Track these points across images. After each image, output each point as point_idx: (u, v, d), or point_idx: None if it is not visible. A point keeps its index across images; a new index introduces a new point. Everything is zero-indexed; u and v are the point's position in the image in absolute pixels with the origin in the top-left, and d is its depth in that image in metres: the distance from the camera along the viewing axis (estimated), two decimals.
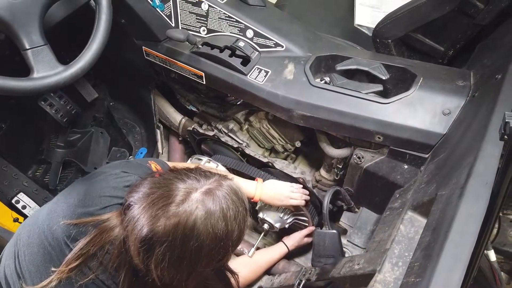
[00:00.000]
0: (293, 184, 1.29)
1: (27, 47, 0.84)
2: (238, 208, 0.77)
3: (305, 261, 1.38)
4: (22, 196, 1.45)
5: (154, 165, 0.97)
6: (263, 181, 1.28)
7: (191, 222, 0.71)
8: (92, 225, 0.79)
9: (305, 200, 1.28)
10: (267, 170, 1.37)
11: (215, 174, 0.81)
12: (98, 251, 0.77)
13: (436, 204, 0.75)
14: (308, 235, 1.35)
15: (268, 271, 1.31)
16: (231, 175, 1.30)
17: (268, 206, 1.35)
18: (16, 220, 1.38)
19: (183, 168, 0.83)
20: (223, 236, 0.74)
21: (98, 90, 1.69)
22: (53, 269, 0.78)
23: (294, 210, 1.33)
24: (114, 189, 0.84)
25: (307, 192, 1.30)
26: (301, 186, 1.29)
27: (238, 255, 1.42)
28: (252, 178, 1.30)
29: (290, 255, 1.41)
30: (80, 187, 0.87)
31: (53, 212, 0.84)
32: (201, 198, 0.73)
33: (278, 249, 1.31)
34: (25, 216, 1.41)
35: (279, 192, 1.24)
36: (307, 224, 1.36)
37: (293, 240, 1.34)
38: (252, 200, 1.24)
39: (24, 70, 0.86)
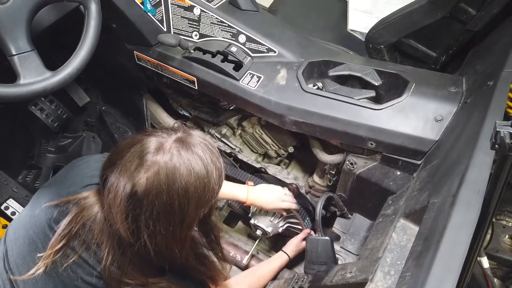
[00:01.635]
0: (285, 188, 1.29)
1: (14, 53, 0.82)
2: (211, 150, 0.78)
3: (298, 267, 1.37)
4: (11, 202, 1.43)
5: None
6: (255, 186, 1.27)
7: (171, 166, 0.72)
8: (73, 204, 0.80)
9: (295, 203, 1.27)
10: (260, 176, 1.36)
11: (181, 128, 0.82)
12: (80, 229, 0.77)
13: (428, 212, 0.74)
14: (305, 239, 1.34)
15: None
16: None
17: (259, 212, 1.35)
18: (5, 227, 1.35)
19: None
20: (204, 175, 0.75)
21: (89, 94, 1.68)
22: (39, 255, 0.78)
23: (286, 214, 1.32)
24: (93, 170, 0.86)
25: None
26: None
27: (233, 263, 1.41)
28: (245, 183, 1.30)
29: None
30: (61, 173, 0.91)
31: (35, 201, 0.85)
32: (174, 145, 0.74)
33: (279, 258, 1.29)
34: None
35: (270, 196, 1.24)
36: (300, 227, 1.35)
37: (291, 246, 1.32)
38: (244, 204, 1.24)
39: (12, 75, 0.84)
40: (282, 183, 1.32)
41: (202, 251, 0.90)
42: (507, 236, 1.04)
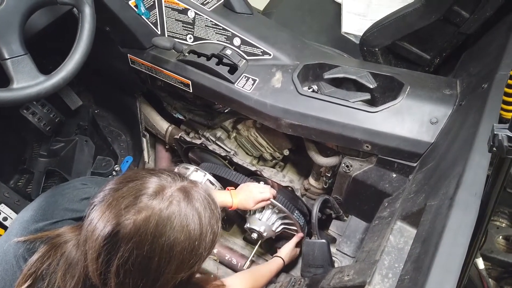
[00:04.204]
0: (255, 182, 1.30)
1: (6, 57, 0.81)
2: (212, 210, 0.71)
3: (294, 270, 1.36)
4: (3, 207, 1.40)
5: None
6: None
7: (165, 216, 0.64)
8: (40, 242, 0.73)
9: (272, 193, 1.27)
10: (256, 179, 1.35)
11: (188, 178, 0.75)
12: (45, 270, 0.70)
13: (426, 214, 0.74)
14: (298, 243, 1.34)
15: None
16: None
17: (254, 214, 1.34)
18: None
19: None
20: (197, 237, 0.67)
21: (82, 97, 1.66)
22: None
23: (272, 208, 1.32)
24: (69, 201, 0.79)
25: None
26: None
27: (230, 267, 1.40)
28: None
29: None
30: (37, 201, 0.82)
31: (9, 230, 0.79)
32: (176, 194, 0.67)
33: (275, 263, 1.27)
34: (5, 228, 1.37)
35: (250, 194, 1.23)
36: (296, 228, 1.35)
37: (285, 250, 1.31)
38: (230, 209, 1.22)
39: (5, 79, 0.83)
40: (277, 185, 1.31)
41: None
42: (501, 236, 1.04)
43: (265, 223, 1.33)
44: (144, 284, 0.66)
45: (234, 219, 1.54)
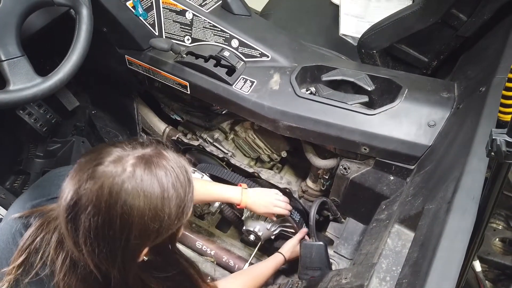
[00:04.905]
0: (278, 192, 1.27)
1: (3, 58, 0.80)
2: (178, 176, 0.69)
3: (291, 273, 1.36)
4: None
5: None
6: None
7: (117, 182, 0.64)
8: (35, 216, 0.75)
9: (288, 210, 1.26)
10: (254, 181, 1.35)
11: (157, 144, 0.73)
12: (39, 243, 0.72)
13: (424, 218, 0.74)
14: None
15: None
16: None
17: (251, 216, 1.34)
18: None
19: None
20: (158, 203, 0.66)
21: (79, 98, 1.65)
22: (2, 270, 0.74)
23: (277, 218, 1.32)
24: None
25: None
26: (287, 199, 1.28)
27: (227, 269, 1.39)
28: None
29: None
30: (35, 183, 0.86)
31: (7, 212, 0.82)
32: (132, 161, 0.66)
33: (274, 259, 1.23)
34: None
35: (264, 199, 1.21)
36: (293, 231, 1.35)
37: (288, 247, 1.28)
38: (238, 207, 1.20)
39: (1, 81, 0.83)
40: (275, 188, 1.31)
41: (156, 286, 0.77)
42: (497, 239, 1.05)
43: (262, 225, 1.32)
44: (112, 252, 0.66)
45: (232, 221, 1.54)
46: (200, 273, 0.86)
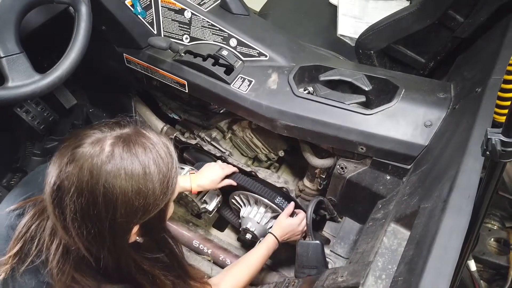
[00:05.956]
0: (222, 164, 1.32)
1: (2, 55, 0.80)
2: (159, 153, 0.70)
3: (288, 271, 1.37)
4: None
5: None
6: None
7: (97, 162, 0.65)
8: (30, 205, 0.77)
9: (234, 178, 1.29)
10: (253, 179, 1.35)
11: (134, 125, 0.74)
12: (34, 232, 0.74)
13: (419, 217, 0.75)
14: (291, 215, 1.27)
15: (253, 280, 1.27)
16: None
17: (248, 216, 1.34)
18: None
19: None
20: (140, 179, 0.66)
21: (77, 96, 1.65)
22: None
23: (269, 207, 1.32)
24: None
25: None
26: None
27: (224, 267, 1.39)
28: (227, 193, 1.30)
29: (273, 266, 1.40)
30: (23, 180, 0.87)
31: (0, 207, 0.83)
32: (112, 141, 0.67)
33: (265, 242, 1.18)
34: None
35: (209, 177, 1.25)
36: None
37: (276, 225, 1.23)
38: (193, 193, 1.25)
39: (0, 78, 0.83)
40: (272, 187, 1.32)
41: (149, 267, 0.78)
42: (492, 239, 1.06)
43: (258, 223, 1.33)
44: (101, 233, 0.67)
45: (229, 220, 1.54)
46: (184, 257, 0.88)
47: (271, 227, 1.35)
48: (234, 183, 1.30)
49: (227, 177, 1.30)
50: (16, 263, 0.74)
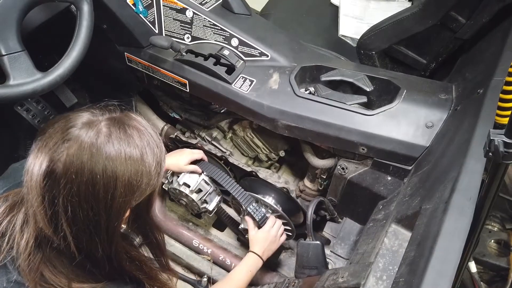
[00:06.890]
0: (191, 150, 1.31)
1: (3, 53, 0.80)
2: (151, 134, 0.71)
3: (288, 272, 1.37)
4: None
5: None
6: None
7: (97, 142, 0.64)
8: (4, 201, 0.74)
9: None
10: (250, 180, 1.35)
11: (121, 111, 0.74)
12: (6, 226, 0.71)
13: (421, 218, 0.75)
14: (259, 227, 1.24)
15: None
16: None
17: (247, 216, 1.33)
18: None
19: None
20: (138, 158, 0.67)
21: (77, 95, 1.64)
22: None
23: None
24: None
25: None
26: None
27: (224, 268, 1.39)
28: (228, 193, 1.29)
29: (273, 266, 1.40)
30: (4, 173, 0.87)
31: None
32: (105, 122, 0.67)
33: (244, 262, 1.17)
34: None
35: (178, 157, 1.26)
36: (290, 228, 1.34)
37: (252, 241, 1.20)
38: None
39: (1, 76, 0.82)
40: (272, 187, 1.32)
41: (137, 254, 0.79)
42: (493, 240, 1.06)
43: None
44: (96, 213, 0.66)
45: (227, 223, 1.54)
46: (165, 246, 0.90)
47: None
48: (200, 170, 1.28)
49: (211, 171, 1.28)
50: None
